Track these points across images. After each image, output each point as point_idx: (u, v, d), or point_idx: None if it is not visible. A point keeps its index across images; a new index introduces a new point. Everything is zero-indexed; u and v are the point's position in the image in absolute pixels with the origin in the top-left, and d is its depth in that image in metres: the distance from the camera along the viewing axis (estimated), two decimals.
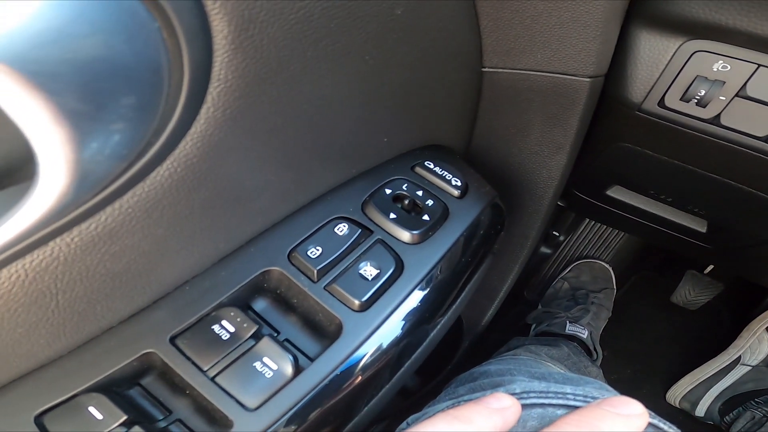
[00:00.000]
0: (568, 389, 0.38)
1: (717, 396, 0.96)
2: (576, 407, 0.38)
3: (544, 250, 1.10)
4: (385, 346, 0.31)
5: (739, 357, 0.96)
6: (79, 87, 0.14)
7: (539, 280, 1.12)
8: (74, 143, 0.14)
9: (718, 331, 1.07)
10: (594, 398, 0.38)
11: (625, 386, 1.02)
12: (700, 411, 0.98)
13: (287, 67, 0.23)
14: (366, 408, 0.34)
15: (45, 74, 0.13)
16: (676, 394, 1.00)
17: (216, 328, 0.29)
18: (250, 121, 0.24)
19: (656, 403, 1.02)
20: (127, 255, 0.25)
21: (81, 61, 0.13)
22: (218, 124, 0.22)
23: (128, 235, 0.24)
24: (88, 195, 0.19)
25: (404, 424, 0.42)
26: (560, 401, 0.37)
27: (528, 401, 0.38)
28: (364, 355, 0.31)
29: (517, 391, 0.39)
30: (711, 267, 1.08)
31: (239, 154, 0.26)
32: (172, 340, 0.28)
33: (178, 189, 0.24)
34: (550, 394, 0.38)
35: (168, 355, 0.27)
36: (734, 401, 0.95)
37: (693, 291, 1.09)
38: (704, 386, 0.97)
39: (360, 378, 0.31)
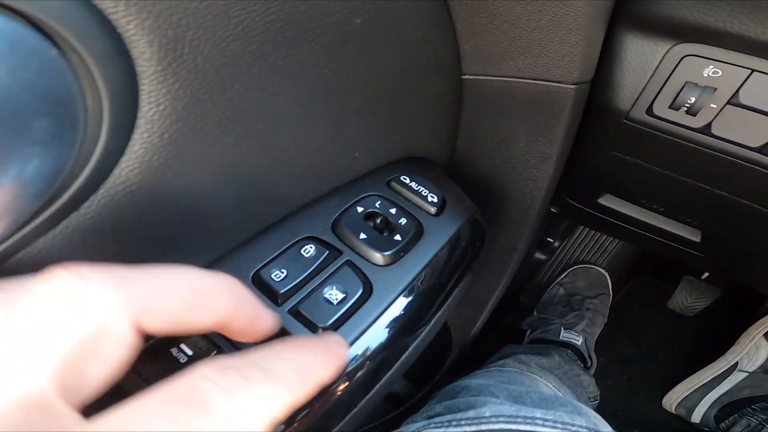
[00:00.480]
0: (537, 413, 0.38)
1: (713, 402, 0.94)
2: None
3: (539, 256, 1.08)
4: (349, 371, 0.30)
5: (737, 363, 0.94)
6: None
7: (534, 285, 1.11)
8: None
9: (716, 336, 1.05)
10: (564, 423, 0.38)
11: (621, 392, 1.01)
12: (696, 417, 0.96)
13: (231, 86, 0.21)
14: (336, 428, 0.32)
15: None
16: (672, 400, 0.99)
17: (174, 351, 0.28)
18: (196, 143, 0.22)
19: (652, 409, 1.00)
20: None
21: None
22: (157, 149, 0.21)
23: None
24: (9, 231, 0.18)
25: None
26: (528, 427, 0.37)
27: (496, 426, 0.37)
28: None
29: (487, 414, 0.39)
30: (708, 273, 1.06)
31: (189, 178, 0.24)
32: None
33: (120, 217, 0.22)
34: (519, 419, 0.38)
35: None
36: (730, 408, 0.93)
37: (690, 297, 1.07)
38: (701, 392, 0.95)
39: (323, 404, 0.29)
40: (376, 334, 0.30)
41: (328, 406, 0.29)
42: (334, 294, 0.29)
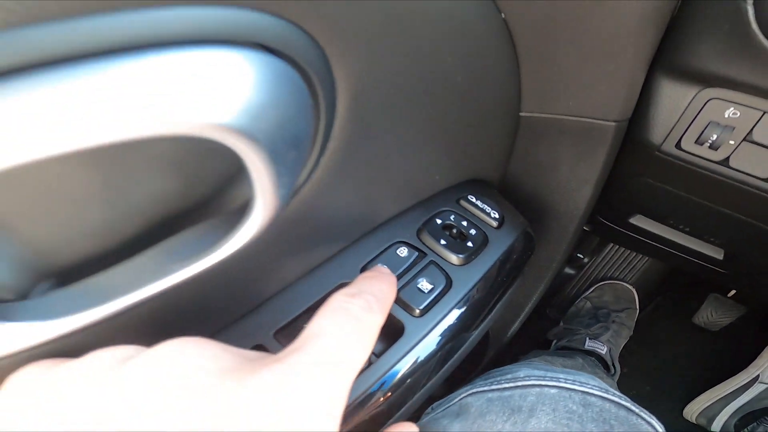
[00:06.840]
0: (561, 375, 0.47)
1: (733, 412, 0.98)
2: (567, 389, 0.46)
3: (568, 271, 1.13)
4: (436, 346, 0.38)
5: (758, 375, 0.98)
6: (279, 140, 0.20)
7: (562, 299, 1.16)
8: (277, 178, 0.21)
9: (739, 351, 1.08)
10: (581, 382, 0.47)
11: (644, 402, 1.02)
12: (716, 426, 1.00)
13: (372, 129, 0.30)
14: (416, 396, 0.40)
15: (267, 136, 0.20)
16: (693, 410, 1.03)
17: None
18: (348, 170, 0.31)
19: (673, 419, 1.04)
20: (244, 272, 0.32)
21: (278, 121, 0.20)
22: (327, 173, 0.29)
23: (253, 256, 0.31)
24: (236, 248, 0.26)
25: (429, 409, 0.51)
26: (553, 383, 0.46)
27: (528, 382, 0.47)
28: (421, 352, 0.37)
29: (521, 375, 0.48)
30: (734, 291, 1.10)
31: (335, 196, 0.33)
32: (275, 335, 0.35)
33: (290, 223, 0.31)
34: (546, 378, 0.47)
35: (272, 346, 0.34)
36: (749, 417, 0.97)
37: (715, 312, 1.11)
38: (721, 403, 0.99)
39: (416, 371, 0.37)
40: (456, 318, 0.38)
41: (417, 374, 0.37)
42: (425, 285, 0.38)
